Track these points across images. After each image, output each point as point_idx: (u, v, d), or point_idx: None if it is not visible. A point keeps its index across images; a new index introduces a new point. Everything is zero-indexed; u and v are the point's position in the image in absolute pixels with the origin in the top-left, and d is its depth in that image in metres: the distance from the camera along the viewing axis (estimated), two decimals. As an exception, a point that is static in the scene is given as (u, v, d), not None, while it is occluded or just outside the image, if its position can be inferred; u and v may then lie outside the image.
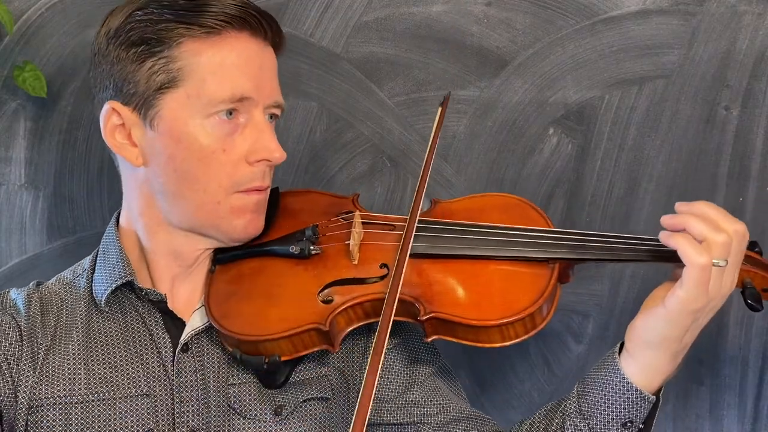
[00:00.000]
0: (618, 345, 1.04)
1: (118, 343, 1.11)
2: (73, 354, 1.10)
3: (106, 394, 1.08)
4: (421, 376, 1.16)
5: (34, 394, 1.08)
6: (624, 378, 1.00)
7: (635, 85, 1.42)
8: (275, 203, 1.20)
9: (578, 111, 1.44)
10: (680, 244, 0.94)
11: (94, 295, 1.14)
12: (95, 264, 1.17)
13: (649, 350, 0.99)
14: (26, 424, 1.07)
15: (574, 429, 1.04)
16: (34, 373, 1.09)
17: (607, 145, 1.44)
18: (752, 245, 1.05)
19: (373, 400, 1.13)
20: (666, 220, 0.98)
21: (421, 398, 1.14)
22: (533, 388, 1.48)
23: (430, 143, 1.16)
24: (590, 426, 1.02)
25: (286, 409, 1.09)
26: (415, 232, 1.10)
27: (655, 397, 1.02)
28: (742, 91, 1.39)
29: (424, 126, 1.48)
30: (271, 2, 1.47)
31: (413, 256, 1.08)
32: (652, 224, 1.42)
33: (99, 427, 1.07)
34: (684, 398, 1.43)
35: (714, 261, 0.94)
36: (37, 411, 1.07)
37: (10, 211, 1.53)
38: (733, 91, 1.39)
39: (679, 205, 0.99)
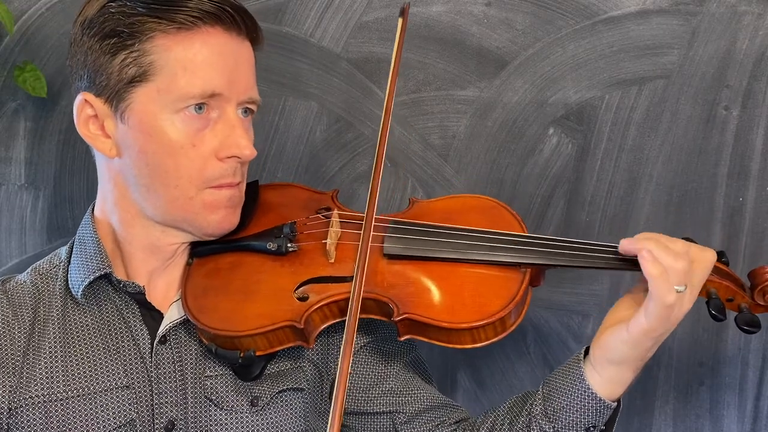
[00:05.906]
0: (583, 350, 1.06)
1: (95, 336, 1.11)
2: (51, 351, 1.09)
3: (85, 389, 1.08)
4: (396, 366, 1.18)
5: (14, 396, 1.06)
6: (588, 388, 1.03)
7: (635, 85, 1.42)
8: (254, 197, 1.20)
9: (578, 111, 1.44)
10: (655, 279, 0.96)
11: (71, 287, 1.13)
12: (71, 255, 1.16)
13: (612, 366, 1.02)
14: (7, 427, 1.06)
15: (540, 430, 1.06)
16: (13, 376, 1.07)
17: (607, 145, 1.44)
18: (719, 255, 1.06)
19: (349, 389, 1.16)
20: (625, 245, 1.00)
21: (397, 388, 1.16)
22: (533, 388, 1.48)
23: (393, 58, 1.13)
24: (555, 429, 1.05)
25: (262, 400, 1.11)
26: (391, 233, 1.12)
27: (616, 402, 1.04)
28: (742, 91, 1.39)
29: (424, 126, 1.48)
30: (271, 2, 1.47)
31: (389, 257, 1.10)
32: (652, 224, 1.42)
33: (80, 422, 1.06)
34: (684, 398, 1.43)
35: (675, 288, 0.96)
36: (17, 413, 1.06)
37: (10, 211, 1.53)
38: (733, 91, 1.39)
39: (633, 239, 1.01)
